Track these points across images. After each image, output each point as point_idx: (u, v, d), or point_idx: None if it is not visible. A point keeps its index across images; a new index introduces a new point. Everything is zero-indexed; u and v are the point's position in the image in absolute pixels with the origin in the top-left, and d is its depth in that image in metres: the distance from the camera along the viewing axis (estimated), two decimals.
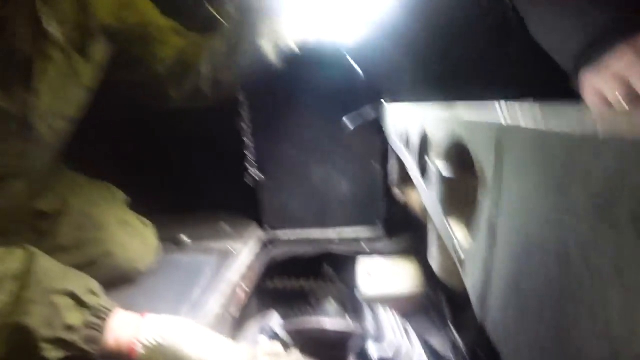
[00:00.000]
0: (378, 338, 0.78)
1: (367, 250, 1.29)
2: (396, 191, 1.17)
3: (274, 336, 0.80)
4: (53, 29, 0.72)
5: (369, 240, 1.32)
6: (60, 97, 0.79)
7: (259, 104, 1.28)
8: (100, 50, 0.84)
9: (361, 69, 1.17)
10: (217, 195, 1.37)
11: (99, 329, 0.61)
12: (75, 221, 0.94)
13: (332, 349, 0.81)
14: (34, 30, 0.69)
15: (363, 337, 0.79)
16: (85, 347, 0.59)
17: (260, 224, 1.39)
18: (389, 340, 0.76)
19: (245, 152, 1.31)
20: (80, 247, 0.92)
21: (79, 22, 0.78)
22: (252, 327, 0.88)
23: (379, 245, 1.30)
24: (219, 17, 1.00)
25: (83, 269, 0.69)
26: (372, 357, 0.73)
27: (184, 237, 1.19)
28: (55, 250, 0.73)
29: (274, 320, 0.87)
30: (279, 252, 1.34)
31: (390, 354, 0.73)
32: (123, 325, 0.63)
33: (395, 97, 1.16)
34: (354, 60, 1.16)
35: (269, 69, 1.03)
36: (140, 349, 0.60)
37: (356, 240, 1.33)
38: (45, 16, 0.70)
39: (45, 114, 0.76)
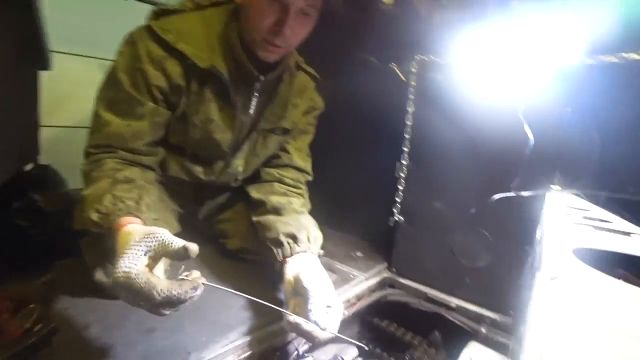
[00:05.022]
0: None
1: (485, 333, 1.10)
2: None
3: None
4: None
5: (492, 324, 1.13)
6: None
7: (420, 155, 1.31)
8: None
9: (538, 140, 1.00)
10: (362, 226, 1.60)
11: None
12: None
13: None
14: None
15: None
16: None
17: (389, 265, 1.42)
18: None
19: (397, 197, 1.36)
20: None
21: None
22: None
23: (501, 337, 1.09)
24: None
25: None
26: None
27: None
28: None
29: (350, 354, 0.92)
30: (393, 295, 1.33)
31: None
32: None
33: (570, 186, 0.97)
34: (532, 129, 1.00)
35: None
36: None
37: (479, 318, 1.16)
38: None
39: None
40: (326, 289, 0.82)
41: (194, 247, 0.60)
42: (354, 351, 0.95)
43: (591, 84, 0.91)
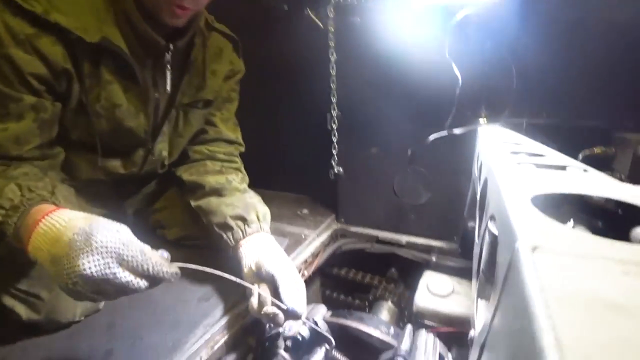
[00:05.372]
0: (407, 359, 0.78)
1: (436, 261, 1.21)
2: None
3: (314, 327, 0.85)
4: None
5: (441, 252, 1.25)
6: None
7: (349, 103, 1.28)
8: None
9: (463, 77, 1.01)
10: (303, 182, 1.58)
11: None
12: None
13: (364, 352, 0.84)
14: None
15: (395, 352, 0.79)
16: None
17: (337, 216, 1.45)
18: None
19: (332, 148, 1.34)
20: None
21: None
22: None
23: (451, 262, 1.21)
24: None
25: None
26: None
27: None
28: None
29: (320, 312, 0.92)
30: (347, 244, 1.38)
31: None
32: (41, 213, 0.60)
33: (495, 118, 1.03)
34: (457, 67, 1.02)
35: None
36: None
37: (428, 249, 1.26)
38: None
39: None
40: (289, 269, 0.81)
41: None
42: (323, 309, 0.98)
43: (506, 17, 0.94)
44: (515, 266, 0.31)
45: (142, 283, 0.57)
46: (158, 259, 0.58)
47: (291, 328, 0.80)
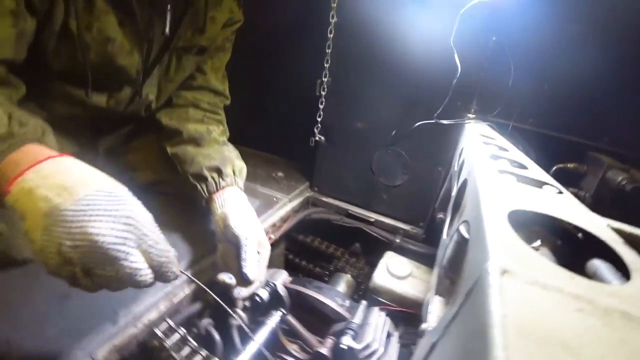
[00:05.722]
0: (357, 332, 0.80)
1: (399, 242, 1.24)
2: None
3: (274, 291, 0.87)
4: None
5: (405, 235, 1.28)
6: None
7: (343, 72, 1.23)
8: None
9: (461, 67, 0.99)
10: (282, 144, 1.57)
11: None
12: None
13: (318, 320, 0.86)
14: None
15: (346, 324, 0.82)
16: None
17: (311, 184, 1.44)
18: (365, 340, 0.79)
19: (317, 116, 1.31)
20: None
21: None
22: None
23: (413, 246, 1.24)
24: None
25: None
26: (343, 344, 0.76)
27: None
28: None
29: (281, 277, 0.93)
30: (317, 213, 1.38)
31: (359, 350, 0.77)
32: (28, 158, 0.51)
33: (483, 115, 1.04)
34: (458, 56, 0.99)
35: None
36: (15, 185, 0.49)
37: (394, 230, 1.29)
38: None
39: None
40: (256, 232, 0.81)
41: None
42: (284, 274, 1.01)
43: (515, 16, 0.91)
44: (482, 284, 0.32)
45: (149, 277, 0.51)
46: (173, 256, 0.53)
47: (240, 292, 0.82)
